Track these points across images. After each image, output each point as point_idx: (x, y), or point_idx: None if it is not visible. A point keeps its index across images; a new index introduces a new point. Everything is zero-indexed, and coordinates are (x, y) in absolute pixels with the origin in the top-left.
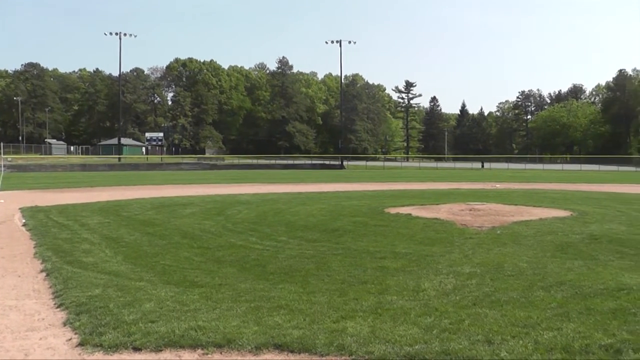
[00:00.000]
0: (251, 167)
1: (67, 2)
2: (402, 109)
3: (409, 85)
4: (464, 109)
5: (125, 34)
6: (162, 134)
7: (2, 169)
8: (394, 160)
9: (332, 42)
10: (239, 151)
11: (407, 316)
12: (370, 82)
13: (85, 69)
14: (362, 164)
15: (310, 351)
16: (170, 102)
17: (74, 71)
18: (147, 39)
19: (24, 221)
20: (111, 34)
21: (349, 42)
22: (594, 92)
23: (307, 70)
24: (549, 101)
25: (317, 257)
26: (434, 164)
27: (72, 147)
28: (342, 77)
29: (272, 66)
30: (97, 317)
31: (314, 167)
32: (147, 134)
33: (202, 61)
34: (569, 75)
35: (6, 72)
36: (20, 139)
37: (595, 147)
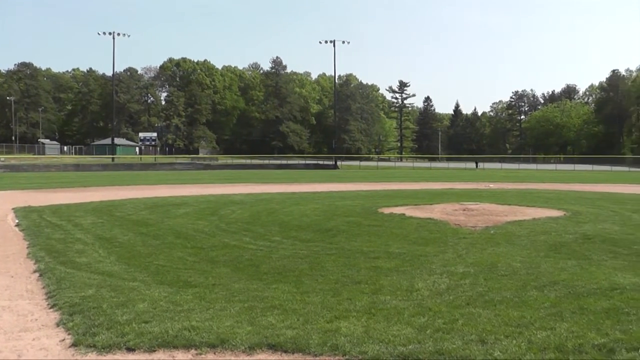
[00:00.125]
0: (245, 167)
1: (60, 1)
2: (396, 109)
3: (403, 85)
4: (457, 109)
5: (118, 34)
6: (155, 134)
7: None
8: (388, 160)
9: (326, 42)
10: (232, 151)
11: (400, 316)
12: (364, 82)
13: (78, 68)
14: (355, 164)
15: (303, 351)
16: (163, 102)
17: (67, 71)
18: (140, 39)
19: (17, 221)
20: (104, 33)
21: (343, 42)
22: (587, 93)
23: (300, 70)
24: (543, 101)
25: (311, 257)
26: (428, 164)
27: (65, 147)
28: (336, 77)
29: (266, 66)
30: (91, 318)
31: (307, 167)
32: (141, 134)
33: (195, 61)
34: (562, 75)
35: None
36: (13, 138)
37: (588, 147)
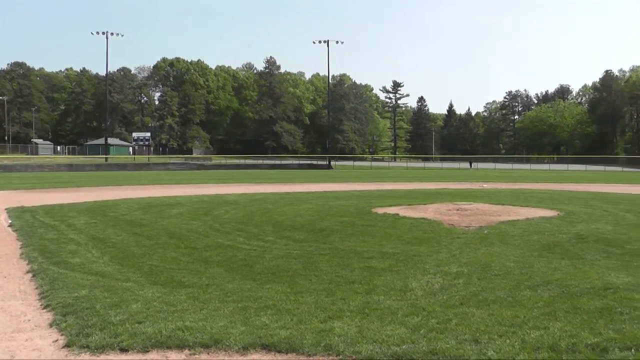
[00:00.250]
0: (238, 167)
1: (54, 1)
2: (390, 109)
3: (397, 85)
4: (451, 109)
5: (112, 33)
6: (149, 134)
7: None
8: (382, 160)
9: (320, 42)
10: (226, 151)
11: (394, 316)
12: (357, 82)
13: (72, 68)
14: (349, 164)
15: (297, 351)
16: (157, 102)
17: (60, 70)
18: (134, 39)
19: (10, 222)
20: (98, 33)
21: (337, 42)
22: (580, 93)
23: (294, 70)
24: (536, 101)
25: (305, 257)
26: (422, 164)
27: (58, 147)
28: (330, 77)
29: (260, 66)
30: (84, 318)
31: (301, 167)
32: (134, 134)
33: (189, 61)
34: (555, 75)
35: None
36: (6, 138)
37: (582, 147)
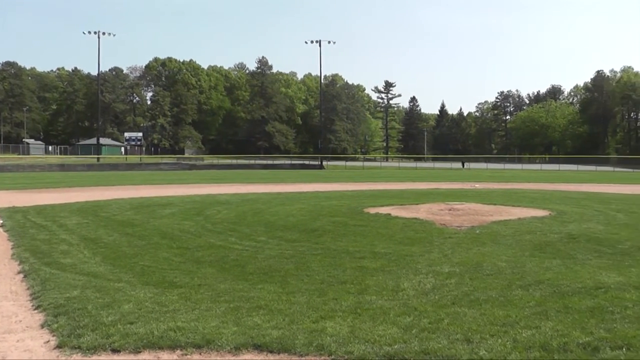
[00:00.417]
0: (230, 167)
1: (45, 0)
2: (382, 109)
3: (389, 85)
4: (443, 109)
5: (104, 33)
6: (141, 134)
7: None
8: (374, 160)
9: (312, 42)
10: (218, 151)
11: (386, 316)
12: (349, 82)
13: (63, 68)
14: (341, 164)
15: (289, 351)
16: (149, 102)
17: (52, 70)
18: (126, 38)
19: (1, 222)
20: (90, 32)
21: (329, 42)
22: (572, 93)
23: (286, 70)
24: (528, 102)
25: (297, 257)
26: (414, 164)
27: (50, 147)
28: (322, 77)
29: (252, 66)
30: (76, 319)
31: (293, 167)
32: (126, 134)
33: (181, 61)
34: (547, 76)
35: None
36: None
37: (573, 147)
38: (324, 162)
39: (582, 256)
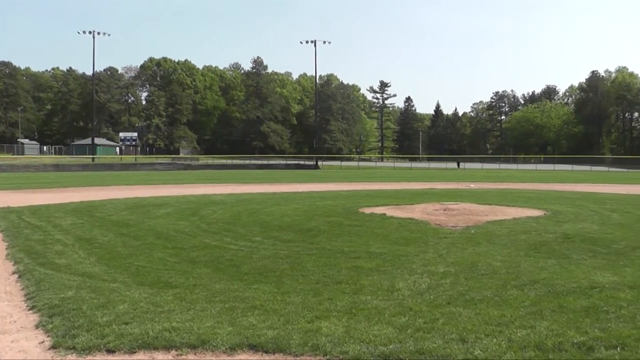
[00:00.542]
0: (226, 168)
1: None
2: (377, 109)
3: (384, 85)
4: (438, 109)
5: (98, 33)
6: (136, 134)
7: None
8: (369, 160)
9: (307, 42)
10: (213, 151)
11: (381, 316)
12: (344, 82)
13: (58, 67)
14: (336, 164)
15: (284, 351)
16: (144, 102)
17: (46, 70)
18: (121, 38)
19: None
20: (84, 32)
21: (324, 42)
22: (567, 93)
23: (281, 70)
24: (523, 102)
25: (292, 257)
26: (409, 164)
27: (45, 147)
28: (317, 77)
29: (247, 66)
30: (70, 319)
31: (288, 167)
32: (121, 134)
33: (176, 61)
34: (542, 76)
35: None
36: None
37: (568, 148)
38: (319, 162)
39: (576, 256)
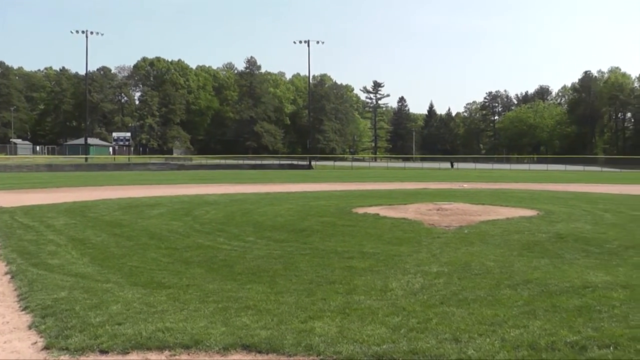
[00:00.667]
0: (219, 168)
1: None
2: (370, 109)
3: (377, 85)
4: (431, 110)
5: (91, 32)
6: (129, 134)
7: None
8: (362, 160)
9: (300, 42)
10: (206, 151)
11: (374, 316)
12: (338, 82)
13: (51, 67)
14: (330, 164)
15: (278, 351)
16: (137, 102)
17: (39, 70)
18: (114, 38)
19: None
20: (77, 32)
21: (317, 42)
22: (560, 93)
23: (275, 70)
24: (516, 102)
25: (285, 258)
26: (402, 164)
27: (37, 147)
28: (310, 78)
29: (240, 66)
30: (63, 320)
31: (282, 167)
32: (114, 134)
33: (169, 60)
34: (535, 76)
35: None
36: None
37: (561, 148)
38: (313, 162)
39: (569, 255)
